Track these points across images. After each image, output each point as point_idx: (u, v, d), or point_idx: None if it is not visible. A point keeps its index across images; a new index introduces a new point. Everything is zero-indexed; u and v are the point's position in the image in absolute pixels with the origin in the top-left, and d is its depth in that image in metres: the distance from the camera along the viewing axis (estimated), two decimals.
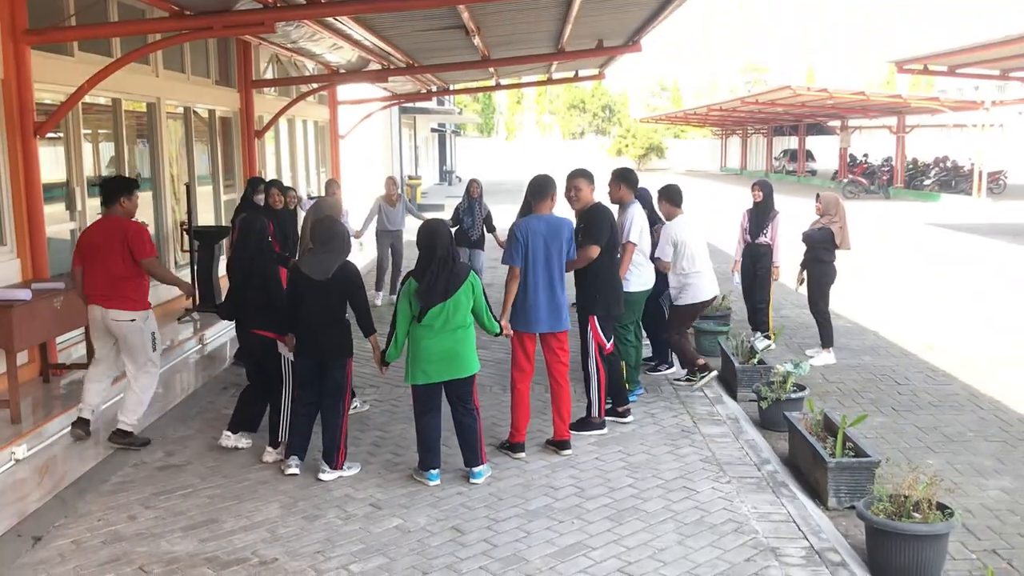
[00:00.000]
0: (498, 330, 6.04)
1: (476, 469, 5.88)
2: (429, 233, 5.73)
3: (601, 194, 7.09)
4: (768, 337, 9.28)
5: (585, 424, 6.79)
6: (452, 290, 5.62)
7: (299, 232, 9.71)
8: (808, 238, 9.16)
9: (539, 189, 6.45)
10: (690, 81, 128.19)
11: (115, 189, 6.49)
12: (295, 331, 5.99)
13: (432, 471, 5.84)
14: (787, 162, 51.57)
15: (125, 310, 6.32)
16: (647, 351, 8.74)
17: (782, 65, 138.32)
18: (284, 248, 8.86)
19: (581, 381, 6.92)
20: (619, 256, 7.09)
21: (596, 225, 6.66)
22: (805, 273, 9.34)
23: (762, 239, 9.59)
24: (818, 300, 9.26)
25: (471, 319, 5.80)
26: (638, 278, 7.65)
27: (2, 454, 6.04)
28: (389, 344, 5.83)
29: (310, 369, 5.97)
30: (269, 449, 6.28)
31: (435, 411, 5.86)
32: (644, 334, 8.44)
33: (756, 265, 9.70)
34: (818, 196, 9.40)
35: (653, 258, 7.84)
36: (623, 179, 7.70)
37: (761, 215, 9.70)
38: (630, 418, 7.04)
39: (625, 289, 7.56)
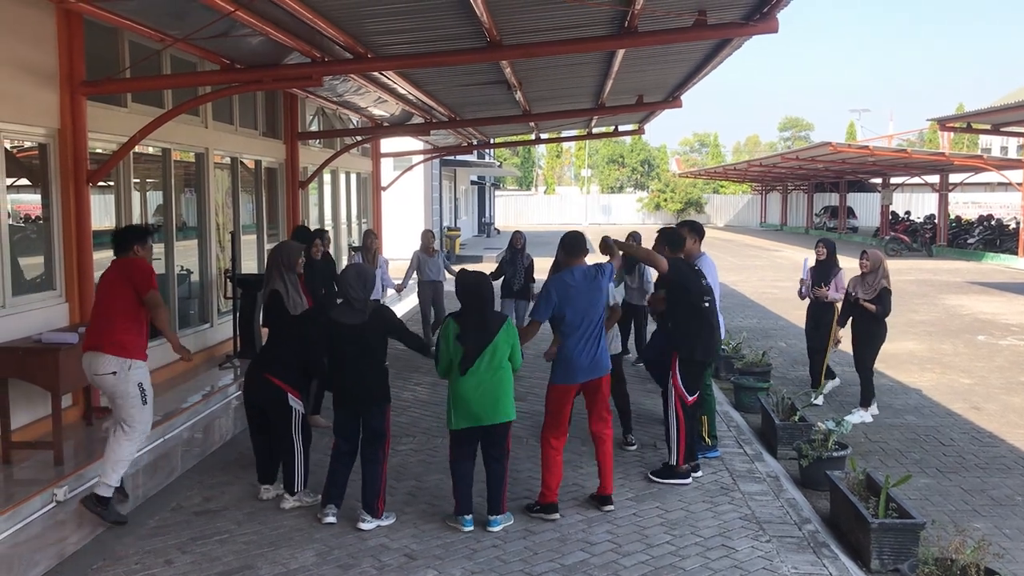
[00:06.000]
0: (520, 364, 6.17)
1: (495, 518, 5.95)
2: (475, 286, 5.92)
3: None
4: (814, 387, 9.66)
5: (669, 472, 6.83)
6: (490, 336, 5.81)
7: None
8: (882, 311, 9.01)
9: (573, 247, 6.48)
10: (730, 135, 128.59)
11: (128, 238, 6.17)
12: (332, 381, 6.05)
13: (467, 516, 5.89)
14: (828, 219, 51.32)
15: (109, 354, 5.80)
16: None
17: (823, 120, 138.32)
18: (316, 299, 8.93)
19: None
20: (708, 304, 7.04)
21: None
22: (850, 331, 9.31)
23: (830, 293, 9.73)
24: (868, 359, 9.19)
25: (508, 364, 5.91)
26: None
27: (43, 495, 6.11)
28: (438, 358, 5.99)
29: (348, 418, 6.00)
30: (286, 496, 6.32)
31: (471, 457, 5.97)
32: None
33: (819, 320, 9.84)
34: (864, 253, 9.35)
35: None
36: (695, 231, 7.80)
37: (824, 271, 9.85)
38: (698, 473, 7.01)
39: None
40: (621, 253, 6.88)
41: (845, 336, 9.50)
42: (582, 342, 6.22)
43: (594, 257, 6.41)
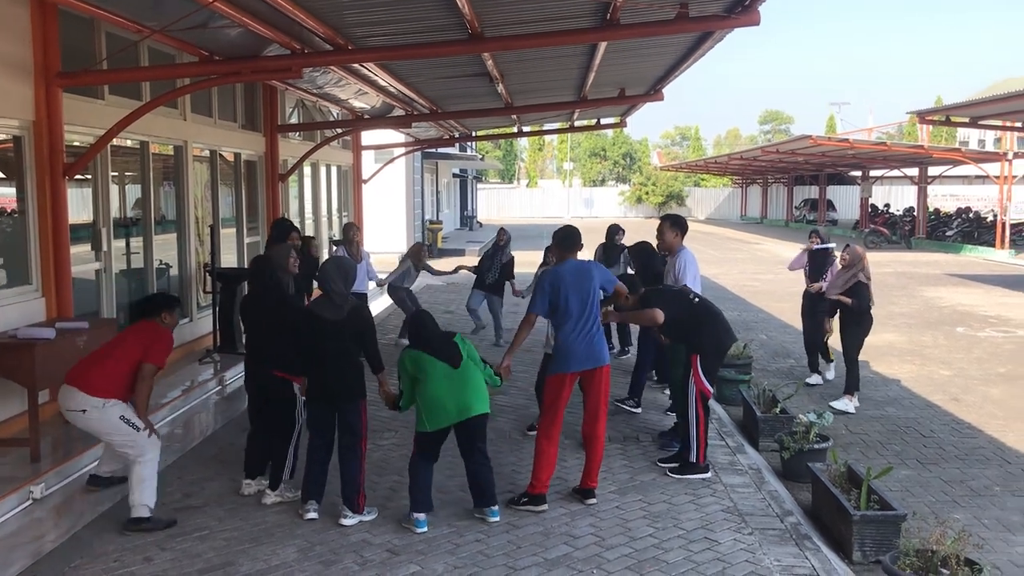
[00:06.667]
0: (499, 383, 6.21)
1: (494, 508, 5.94)
2: (417, 322, 6.09)
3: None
4: (830, 360, 10.50)
5: (689, 467, 6.84)
6: (451, 338, 5.97)
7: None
8: (858, 305, 9.14)
9: (567, 242, 6.47)
10: (711, 129, 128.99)
11: (159, 305, 6.10)
12: (308, 375, 6.02)
13: (421, 517, 5.80)
14: (807, 211, 51.54)
15: (83, 392, 5.61)
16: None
17: (803, 113, 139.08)
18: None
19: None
20: (696, 299, 7.12)
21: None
22: (836, 322, 9.39)
23: (823, 283, 10.07)
24: (851, 348, 9.29)
25: (471, 362, 5.95)
26: None
27: (20, 493, 6.04)
28: (401, 396, 6.03)
29: (323, 413, 5.97)
30: (268, 491, 6.26)
31: (434, 458, 5.95)
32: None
33: (815, 308, 10.17)
34: (847, 247, 9.45)
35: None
36: (677, 225, 7.79)
37: (820, 262, 10.20)
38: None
39: None
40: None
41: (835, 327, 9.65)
42: (576, 330, 6.21)
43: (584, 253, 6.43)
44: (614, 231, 11.59)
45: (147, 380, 5.82)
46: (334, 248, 12.76)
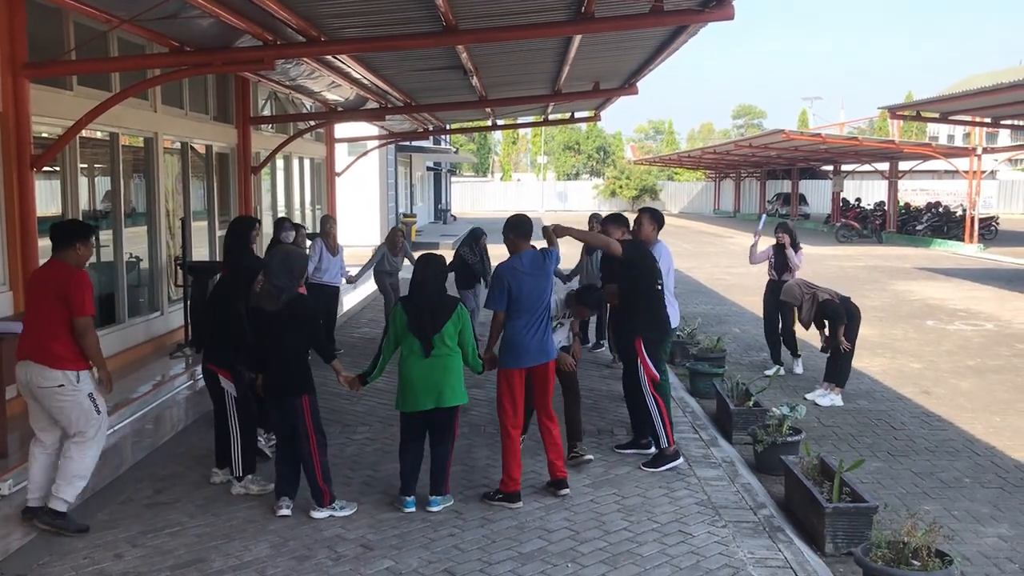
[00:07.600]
0: (481, 369, 6.22)
1: (434, 498, 6.01)
2: (423, 266, 6.00)
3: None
4: (798, 356, 10.69)
5: (660, 459, 6.89)
6: (440, 322, 5.83)
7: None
8: (842, 319, 9.18)
9: (519, 230, 6.41)
10: (684, 123, 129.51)
11: (71, 235, 5.57)
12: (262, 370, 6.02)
13: (408, 498, 5.95)
14: (780, 205, 51.84)
15: (51, 367, 5.31)
16: None
17: (776, 107, 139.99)
18: None
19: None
20: (660, 288, 7.18)
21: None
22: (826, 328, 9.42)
23: (786, 276, 10.28)
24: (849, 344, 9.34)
25: (457, 349, 5.93)
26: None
27: None
28: (375, 365, 6.09)
29: (274, 408, 5.98)
30: (234, 481, 6.30)
31: (420, 439, 6.02)
32: None
33: (780, 299, 10.14)
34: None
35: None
36: (655, 218, 7.84)
37: (785, 255, 10.39)
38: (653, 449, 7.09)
39: None
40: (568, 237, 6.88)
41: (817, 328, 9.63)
42: (530, 325, 6.21)
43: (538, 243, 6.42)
44: (594, 219, 11.55)
45: (87, 335, 5.41)
46: (308, 242, 12.68)
